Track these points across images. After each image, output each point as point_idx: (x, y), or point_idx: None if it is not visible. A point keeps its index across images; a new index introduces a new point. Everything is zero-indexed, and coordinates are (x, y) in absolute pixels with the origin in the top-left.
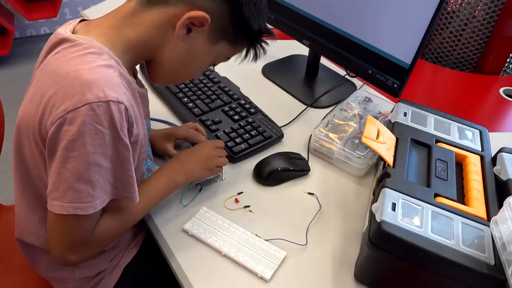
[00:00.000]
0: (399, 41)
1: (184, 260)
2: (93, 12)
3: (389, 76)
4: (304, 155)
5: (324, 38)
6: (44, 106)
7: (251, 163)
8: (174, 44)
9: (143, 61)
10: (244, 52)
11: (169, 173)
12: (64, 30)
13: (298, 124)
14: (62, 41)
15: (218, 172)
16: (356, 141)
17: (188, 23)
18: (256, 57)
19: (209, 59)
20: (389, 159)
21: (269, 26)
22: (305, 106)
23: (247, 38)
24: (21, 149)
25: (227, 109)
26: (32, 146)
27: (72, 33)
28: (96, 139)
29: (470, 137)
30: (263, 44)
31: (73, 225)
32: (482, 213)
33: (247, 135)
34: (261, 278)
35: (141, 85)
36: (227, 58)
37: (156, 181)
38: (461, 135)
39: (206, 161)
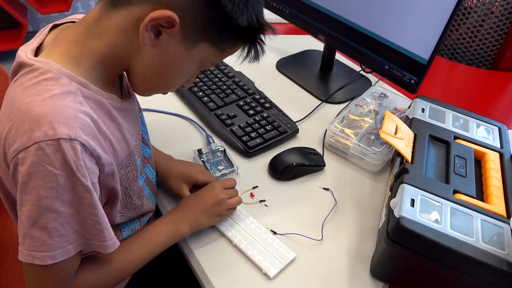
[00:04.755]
0: (417, 36)
1: (194, 241)
2: None
3: (406, 72)
4: (319, 150)
5: (340, 33)
6: (3, 143)
7: (266, 157)
8: (145, 51)
9: (122, 71)
10: (244, 52)
11: (173, 222)
12: (25, 50)
13: (312, 120)
14: (20, 66)
15: (229, 214)
16: (372, 137)
17: (155, 25)
18: (256, 58)
19: (190, 66)
20: (408, 155)
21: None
22: (320, 102)
23: (238, 37)
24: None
25: (242, 103)
26: (7, 175)
27: (42, 45)
28: (48, 182)
29: (489, 134)
30: (261, 41)
31: (41, 275)
32: (502, 211)
33: (262, 129)
34: (265, 274)
35: (127, 96)
36: (213, 64)
37: (157, 231)
38: (480, 132)
39: (213, 207)
